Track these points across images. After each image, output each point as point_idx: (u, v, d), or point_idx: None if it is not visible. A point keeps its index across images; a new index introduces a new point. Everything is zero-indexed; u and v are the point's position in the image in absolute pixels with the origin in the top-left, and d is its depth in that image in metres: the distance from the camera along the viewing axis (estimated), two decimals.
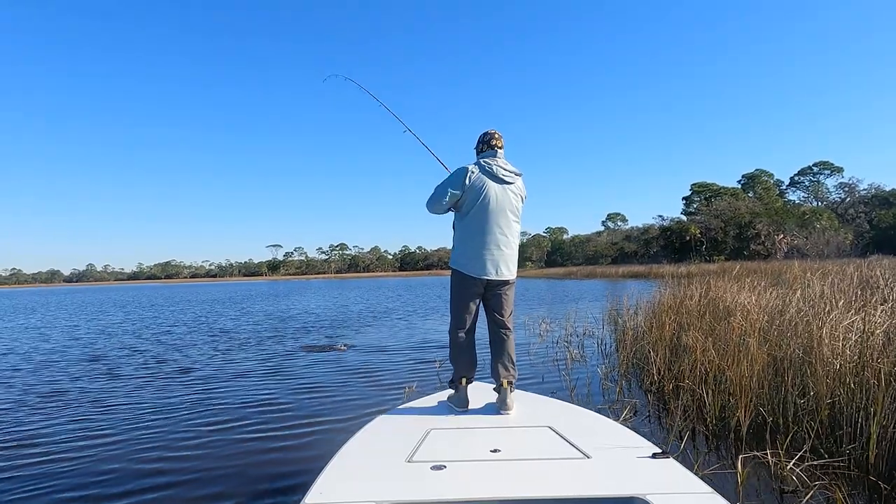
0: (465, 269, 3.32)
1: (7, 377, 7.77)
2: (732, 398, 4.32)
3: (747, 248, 62.19)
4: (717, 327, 5.57)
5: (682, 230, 75.53)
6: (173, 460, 4.00)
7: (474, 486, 2.02)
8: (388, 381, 6.73)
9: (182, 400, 5.96)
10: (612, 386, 5.73)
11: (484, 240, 3.27)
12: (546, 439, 2.58)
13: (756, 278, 9.66)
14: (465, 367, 3.35)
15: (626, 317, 9.38)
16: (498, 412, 3.12)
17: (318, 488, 2.01)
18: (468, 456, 2.39)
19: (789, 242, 58.76)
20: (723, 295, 7.09)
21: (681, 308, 7.13)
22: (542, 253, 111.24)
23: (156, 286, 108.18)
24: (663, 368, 5.35)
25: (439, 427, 2.85)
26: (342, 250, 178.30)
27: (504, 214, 3.30)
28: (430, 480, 2.09)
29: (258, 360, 8.65)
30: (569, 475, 2.10)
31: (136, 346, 11.10)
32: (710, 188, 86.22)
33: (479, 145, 3.48)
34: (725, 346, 4.84)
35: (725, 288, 7.68)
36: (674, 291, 8.99)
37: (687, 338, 5.47)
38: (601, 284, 37.01)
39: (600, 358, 7.74)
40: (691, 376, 4.89)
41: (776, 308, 5.70)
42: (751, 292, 7.42)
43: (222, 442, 4.41)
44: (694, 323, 6.17)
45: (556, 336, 9.99)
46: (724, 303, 6.70)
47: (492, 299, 3.39)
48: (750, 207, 69.20)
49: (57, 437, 4.69)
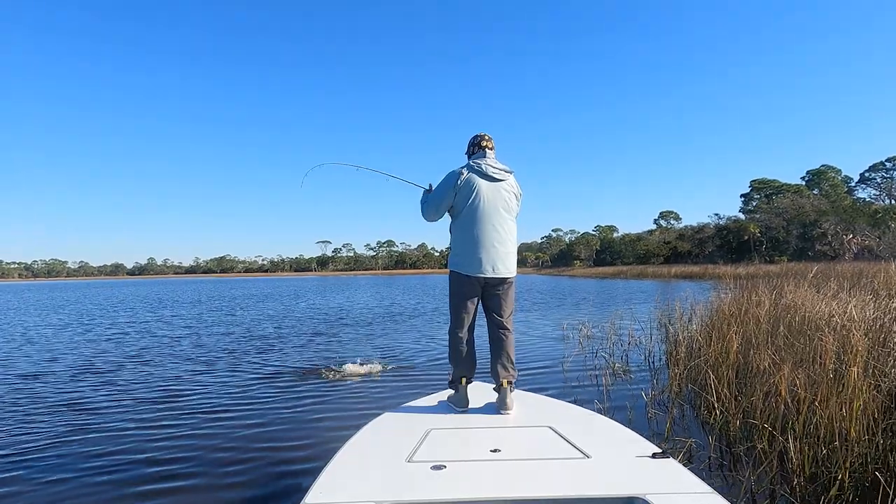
0: (462, 269, 3.29)
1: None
2: (825, 446, 3.21)
3: (812, 249, 58.31)
4: (797, 345, 4.40)
5: (739, 229, 72.01)
6: (173, 461, 3.96)
7: (474, 486, 2.01)
8: (389, 381, 6.64)
9: (182, 399, 5.93)
10: (661, 415, 4.62)
11: (479, 238, 3.25)
12: (546, 439, 2.55)
13: (834, 282, 8.24)
14: (464, 367, 3.32)
15: (679, 324, 8.17)
16: (498, 412, 3.10)
17: (318, 488, 2.01)
18: (468, 456, 2.38)
19: (859, 243, 54.95)
20: (801, 303, 5.83)
21: (745, 317, 5.93)
22: (590, 252, 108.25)
23: (215, 280, 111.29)
24: (728, 398, 4.19)
25: (439, 427, 2.83)
26: (389, 247, 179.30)
27: (497, 212, 3.30)
28: (430, 480, 2.07)
29: (259, 360, 8.35)
30: (569, 475, 2.09)
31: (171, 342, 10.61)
32: (771, 185, 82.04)
33: (469, 148, 3.51)
34: (812, 374, 3.69)
35: (802, 294, 6.40)
36: (735, 296, 7.72)
37: (758, 358, 4.33)
38: (652, 285, 35.09)
39: (648, 373, 6.61)
40: (766, 412, 3.76)
41: (876, 321, 4.48)
42: (832, 299, 6.14)
43: (222, 441, 4.39)
44: (764, 338, 4.99)
45: (597, 344, 8.83)
46: (802, 313, 5.48)
47: (491, 299, 3.36)
48: (815, 205, 65.00)
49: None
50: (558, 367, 7.11)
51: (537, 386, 5.91)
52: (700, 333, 6.55)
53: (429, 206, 3.43)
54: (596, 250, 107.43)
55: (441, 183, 3.38)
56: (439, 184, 3.40)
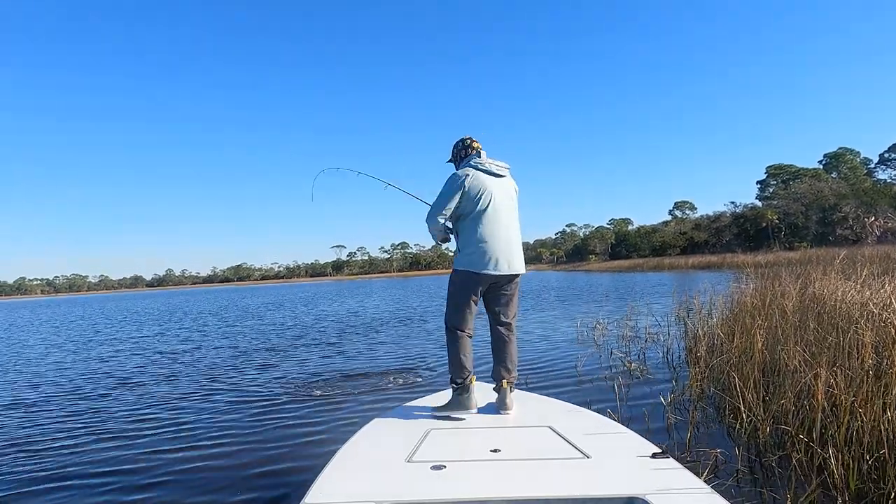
0: (475, 268, 3.16)
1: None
2: (870, 456, 2.82)
3: (833, 234, 57.09)
4: (830, 339, 3.99)
5: (757, 216, 70.86)
6: (173, 461, 3.98)
7: (474, 486, 2.01)
8: (389, 381, 6.62)
9: (181, 398, 6.02)
10: (681, 420, 4.24)
11: (494, 235, 3.18)
12: (546, 439, 2.54)
13: (862, 267, 7.75)
14: (467, 369, 3.19)
15: (699, 318, 7.75)
16: (498, 412, 3.09)
17: (318, 488, 2.00)
18: (468, 456, 2.38)
19: (882, 225, 53.64)
20: (831, 292, 5.40)
21: (769, 309, 5.51)
22: (605, 246, 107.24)
23: (231, 289, 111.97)
24: (755, 401, 3.79)
25: (439, 427, 2.83)
26: (403, 249, 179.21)
27: (507, 208, 3.28)
28: (430, 480, 2.07)
29: (260, 360, 8.42)
30: (569, 475, 2.09)
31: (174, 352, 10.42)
32: (787, 170, 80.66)
33: (460, 152, 3.48)
34: (850, 372, 3.29)
35: (831, 282, 5.96)
36: (757, 286, 7.26)
37: (787, 355, 3.93)
38: (669, 277, 34.40)
39: (667, 372, 6.21)
40: (798, 417, 3.37)
41: None
42: (864, 286, 5.70)
43: (221, 441, 4.41)
44: (791, 332, 4.58)
45: (613, 342, 8.43)
46: (833, 302, 5.05)
47: (498, 299, 3.30)
48: (834, 189, 63.67)
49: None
50: (572, 368, 6.73)
51: (549, 389, 5.56)
52: (721, 328, 6.13)
53: (435, 210, 3.29)
54: (611, 244, 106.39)
55: (445, 186, 3.29)
56: (443, 188, 3.30)
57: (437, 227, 3.33)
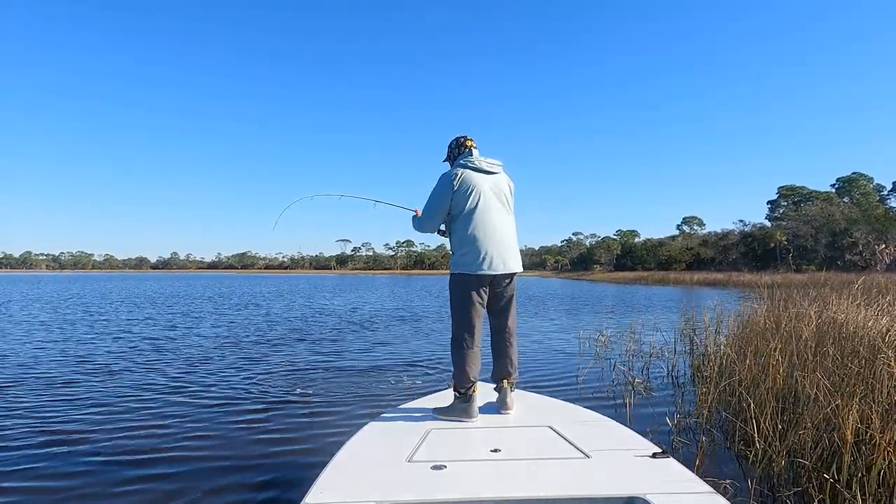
0: (471, 269, 3.09)
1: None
2: None
3: (842, 259, 56.55)
4: (851, 368, 3.75)
5: (765, 236, 70.35)
6: (172, 461, 3.84)
7: (474, 486, 2.00)
8: (389, 381, 6.55)
9: (180, 398, 5.73)
10: (689, 444, 4.00)
11: (487, 234, 3.11)
12: (546, 439, 2.54)
13: (877, 294, 7.47)
14: (473, 375, 3.08)
15: (707, 336, 7.50)
16: (498, 412, 3.06)
17: (318, 488, 1.99)
18: (468, 456, 2.38)
19: (892, 253, 53.11)
20: (851, 318, 5.14)
21: (784, 332, 5.25)
22: (611, 256, 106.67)
23: (235, 276, 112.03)
24: (769, 431, 3.54)
25: (439, 427, 2.82)
26: (408, 247, 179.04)
27: (499, 206, 3.22)
28: (430, 480, 2.06)
29: (261, 360, 8.02)
30: (569, 475, 2.08)
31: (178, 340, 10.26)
32: (799, 192, 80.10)
33: (454, 150, 3.40)
34: (879, 407, 3.04)
35: (849, 308, 5.70)
36: (770, 307, 7.00)
37: (807, 383, 3.68)
38: (674, 291, 34.04)
39: (671, 390, 5.97)
40: (817, 450, 3.12)
41: None
42: (883, 314, 5.45)
43: (221, 441, 4.30)
44: (809, 357, 4.33)
45: (616, 356, 8.17)
46: (852, 329, 4.80)
47: (497, 300, 3.24)
48: (846, 214, 63.15)
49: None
50: (572, 381, 6.51)
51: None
52: (731, 348, 5.88)
53: (425, 214, 3.32)
54: (617, 255, 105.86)
55: (436, 187, 3.25)
56: (434, 188, 3.26)
57: (429, 230, 3.36)
